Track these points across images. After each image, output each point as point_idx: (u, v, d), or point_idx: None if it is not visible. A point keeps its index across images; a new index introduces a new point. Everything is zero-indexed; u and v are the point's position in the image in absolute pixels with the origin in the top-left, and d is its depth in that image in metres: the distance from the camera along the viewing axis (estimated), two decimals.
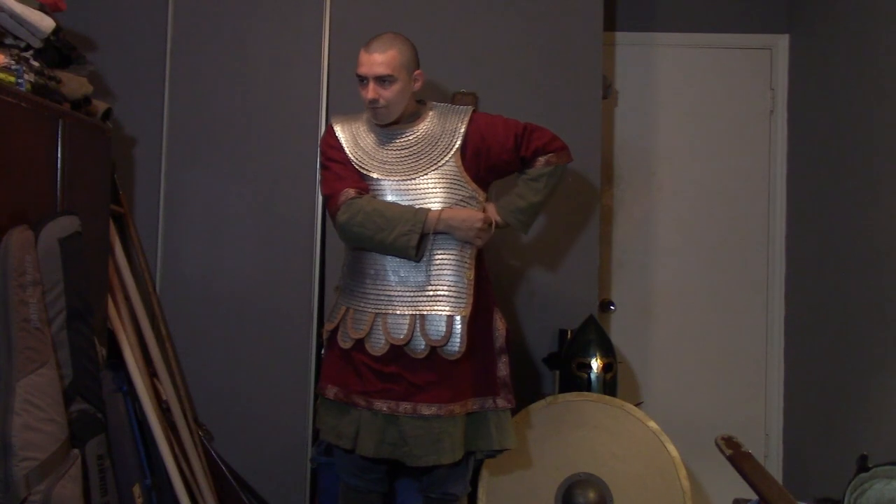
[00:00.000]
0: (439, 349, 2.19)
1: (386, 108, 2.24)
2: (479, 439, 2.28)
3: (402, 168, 2.25)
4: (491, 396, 2.29)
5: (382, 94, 2.21)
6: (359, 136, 2.31)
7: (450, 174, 2.25)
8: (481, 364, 2.28)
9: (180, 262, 2.99)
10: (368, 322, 2.21)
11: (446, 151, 2.26)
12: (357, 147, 2.29)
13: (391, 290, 2.22)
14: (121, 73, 2.97)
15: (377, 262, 2.23)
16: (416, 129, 2.30)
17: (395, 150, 2.27)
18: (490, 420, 2.28)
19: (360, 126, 2.34)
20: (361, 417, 2.22)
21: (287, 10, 3.01)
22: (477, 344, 2.27)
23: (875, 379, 2.77)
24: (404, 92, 2.25)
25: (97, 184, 2.34)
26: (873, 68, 2.86)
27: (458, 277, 2.21)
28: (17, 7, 1.98)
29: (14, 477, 1.60)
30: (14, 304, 1.66)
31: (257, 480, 2.95)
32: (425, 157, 2.25)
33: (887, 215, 2.74)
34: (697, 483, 3.41)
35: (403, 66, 2.22)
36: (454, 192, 2.24)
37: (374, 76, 2.20)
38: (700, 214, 3.61)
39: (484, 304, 2.30)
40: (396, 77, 2.21)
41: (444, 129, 2.29)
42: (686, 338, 3.61)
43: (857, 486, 2.11)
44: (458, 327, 2.18)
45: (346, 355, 2.25)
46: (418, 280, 2.21)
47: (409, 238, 2.13)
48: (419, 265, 2.21)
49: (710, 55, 3.62)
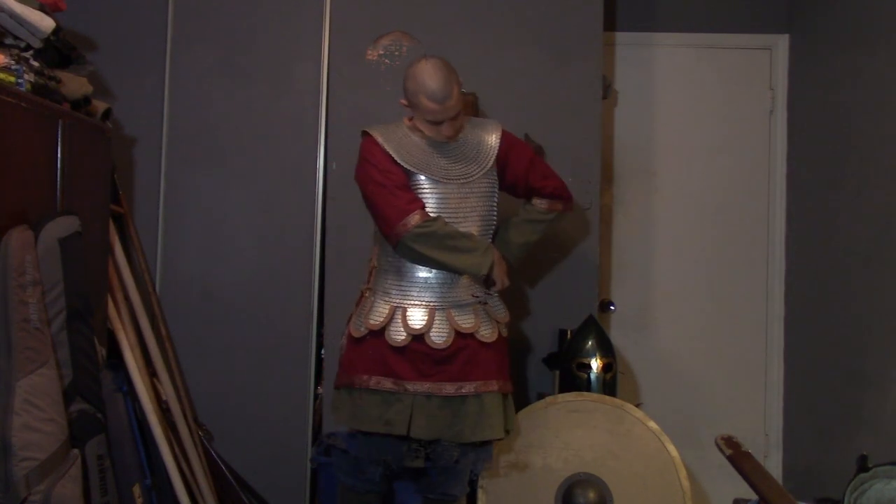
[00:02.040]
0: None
1: (457, 134, 2.37)
2: (508, 420, 2.40)
3: (457, 174, 2.35)
4: (510, 380, 2.43)
5: (454, 126, 2.33)
6: (408, 145, 2.35)
7: (491, 182, 2.40)
8: (505, 347, 2.46)
9: (180, 262, 2.99)
10: (428, 317, 2.30)
11: (488, 160, 2.39)
12: (409, 154, 2.34)
13: (451, 284, 2.34)
14: (121, 73, 2.97)
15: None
16: (461, 137, 2.39)
17: (447, 156, 2.36)
18: (510, 402, 2.44)
19: (403, 135, 2.37)
20: (415, 402, 2.29)
21: (287, 9, 3.01)
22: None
23: (875, 379, 2.78)
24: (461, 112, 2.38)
25: (97, 184, 2.34)
26: (873, 68, 2.86)
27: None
28: (17, 7, 1.98)
29: (14, 477, 1.60)
30: (14, 304, 1.66)
31: (257, 480, 2.95)
32: (474, 164, 2.37)
33: (887, 215, 2.74)
34: (697, 483, 3.41)
35: (461, 94, 2.33)
36: (492, 198, 2.41)
37: (449, 119, 2.30)
38: (700, 214, 3.61)
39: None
40: (460, 106, 2.33)
41: (481, 139, 2.41)
42: (686, 338, 3.60)
43: (857, 486, 2.11)
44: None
45: (398, 349, 2.30)
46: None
47: (481, 268, 2.32)
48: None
49: (710, 55, 3.62)
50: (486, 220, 2.40)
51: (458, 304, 2.33)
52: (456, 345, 2.30)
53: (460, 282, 2.35)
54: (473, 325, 2.32)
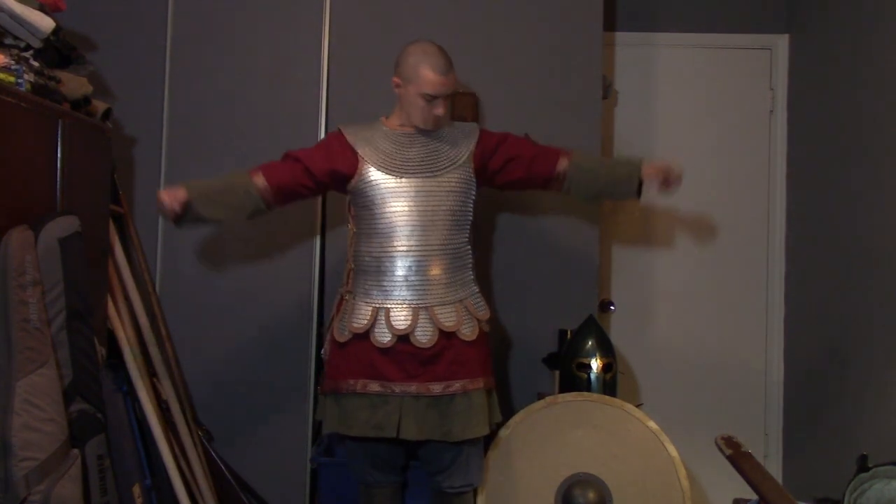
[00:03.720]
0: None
1: (444, 118, 2.40)
2: (493, 414, 2.43)
3: (422, 167, 2.36)
4: (492, 375, 2.45)
5: (445, 108, 2.37)
6: (376, 141, 2.39)
7: (462, 179, 2.39)
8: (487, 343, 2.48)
9: (180, 262, 2.99)
10: (412, 316, 2.30)
11: (460, 155, 2.40)
12: (377, 150, 2.37)
13: (430, 282, 2.33)
14: (121, 73, 2.97)
15: (410, 261, 2.32)
16: (436, 133, 2.41)
17: (416, 150, 2.38)
18: (494, 395, 2.46)
19: (374, 133, 2.41)
20: (403, 404, 2.29)
21: (287, 9, 3.00)
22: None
23: (875, 379, 2.78)
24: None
25: (97, 184, 2.34)
26: (873, 68, 2.86)
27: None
28: (17, 7, 1.98)
29: (14, 477, 1.60)
30: (14, 304, 1.66)
31: (257, 480, 2.95)
32: (444, 158, 2.38)
33: (887, 215, 2.74)
34: (697, 483, 3.41)
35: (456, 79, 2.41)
36: (465, 195, 2.39)
37: (445, 94, 2.33)
38: (700, 214, 3.61)
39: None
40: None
41: (456, 137, 2.43)
42: (686, 338, 3.60)
43: (857, 486, 2.11)
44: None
45: (384, 350, 2.30)
46: (454, 268, 2.38)
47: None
48: (445, 257, 2.35)
49: (710, 55, 3.62)
50: (455, 217, 2.38)
51: (439, 303, 2.33)
52: (440, 344, 2.30)
53: (441, 279, 2.34)
54: (455, 324, 2.31)
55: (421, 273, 2.32)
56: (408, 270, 2.32)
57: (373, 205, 2.35)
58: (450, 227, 2.36)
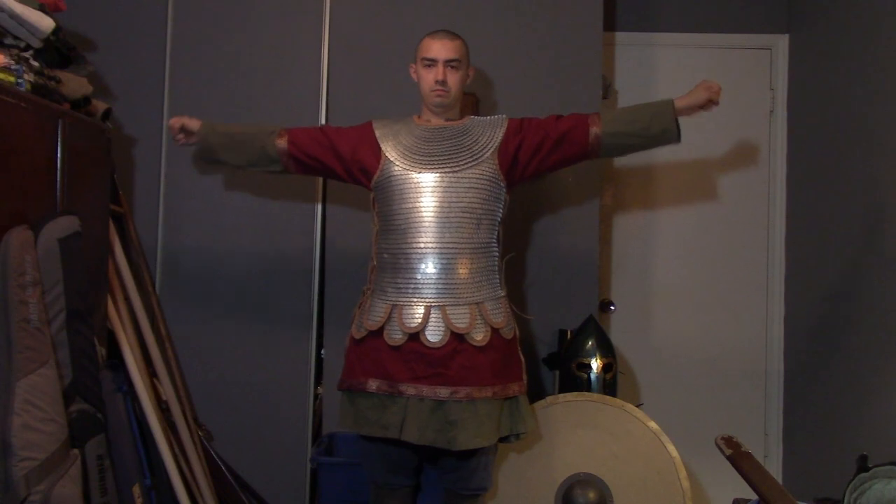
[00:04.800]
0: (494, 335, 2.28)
1: (449, 92, 2.35)
2: (514, 423, 2.33)
3: (442, 161, 2.32)
4: (516, 381, 2.34)
5: (449, 78, 2.33)
6: (401, 135, 2.38)
7: (484, 175, 2.32)
8: (507, 349, 2.35)
9: (180, 262, 2.99)
10: (424, 315, 2.25)
11: (484, 150, 2.34)
12: (399, 144, 2.36)
13: (444, 281, 2.27)
14: (121, 73, 2.97)
15: (425, 258, 2.27)
16: (460, 127, 2.39)
17: (438, 144, 2.35)
18: (521, 403, 2.35)
19: (401, 128, 2.41)
20: (408, 405, 2.24)
21: (287, 10, 3.01)
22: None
23: (875, 379, 2.77)
24: (463, 82, 2.40)
25: (97, 184, 2.34)
26: (873, 68, 2.86)
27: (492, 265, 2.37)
28: (17, 7, 1.98)
29: (14, 477, 1.60)
30: (14, 304, 1.66)
31: (257, 480, 2.95)
32: (466, 153, 2.33)
33: (887, 215, 2.74)
34: (697, 483, 3.41)
35: (465, 56, 2.39)
36: (486, 192, 2.32)
37: (444, 59, 2.32)
38: (700, 214, 3.61)
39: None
40: (461, 64, 2.36)
41: (483, 131, 2.38)
42: (686, 338, 3.60)
43: (857, 486, 2.11)
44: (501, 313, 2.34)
45: (395, 348, 2.26)
46: (472, 268, 2.30)
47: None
48: (462, 256, 2.28)
49: (710, 55, 3.62)
50: (475, 214, 2.29)
51: (453, 303, 2.26)
52: (451, 346, 2.23)
53: (457, 279, 2.27)
54: (467, 326, 2.24)
55: (436, 271, 2.27)
56: (423, 268, 2.27)
57: (391, 200, 2.32)
58: (469, 225, 2.29)
